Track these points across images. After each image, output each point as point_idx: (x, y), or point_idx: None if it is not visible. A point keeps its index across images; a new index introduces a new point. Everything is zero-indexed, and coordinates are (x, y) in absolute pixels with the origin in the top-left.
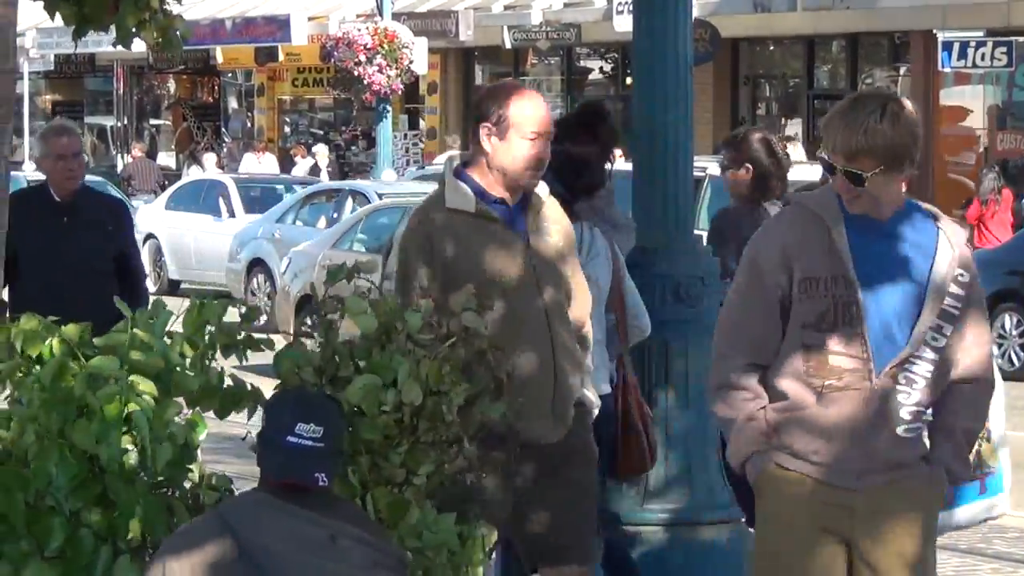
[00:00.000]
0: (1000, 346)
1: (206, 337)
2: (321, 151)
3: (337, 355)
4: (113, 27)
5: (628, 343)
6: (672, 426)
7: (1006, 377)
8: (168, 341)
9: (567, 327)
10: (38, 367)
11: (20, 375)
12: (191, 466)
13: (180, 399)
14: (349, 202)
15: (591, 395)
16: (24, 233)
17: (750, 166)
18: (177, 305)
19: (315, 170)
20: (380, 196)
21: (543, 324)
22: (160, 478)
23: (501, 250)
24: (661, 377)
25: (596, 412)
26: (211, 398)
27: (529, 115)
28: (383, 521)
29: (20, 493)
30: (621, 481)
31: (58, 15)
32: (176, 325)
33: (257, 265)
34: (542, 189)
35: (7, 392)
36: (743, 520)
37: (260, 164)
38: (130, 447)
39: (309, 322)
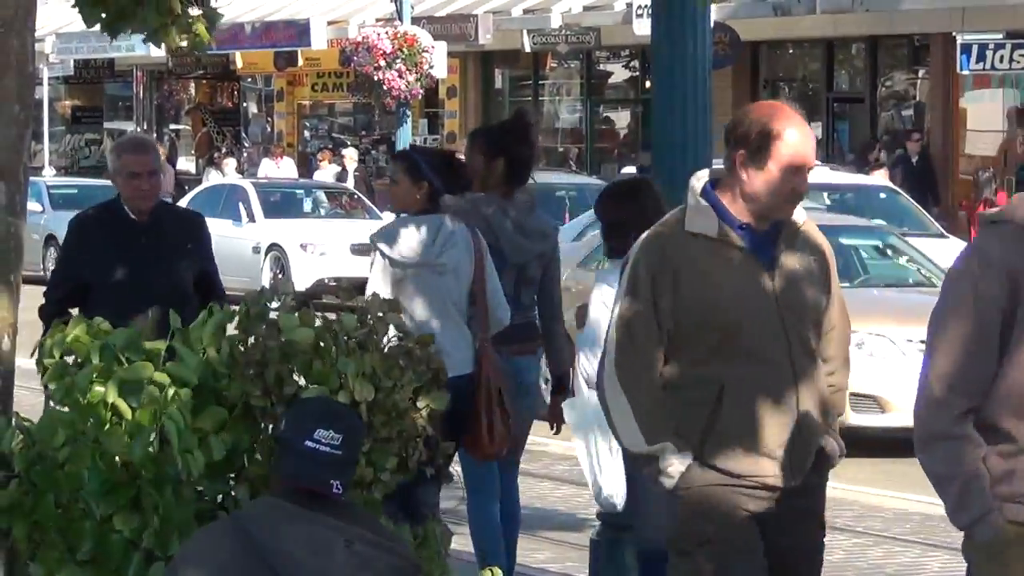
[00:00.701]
0: None
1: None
2: (350, 155)
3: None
4: (144, 28)
5: (488, 332)
6: None
7: None
8: (214, 351)
9: (813, 364)
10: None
11: (61, 380)
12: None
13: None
14: None
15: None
16: (98, 257)
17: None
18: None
19: (342, 175)
20: None
21: (786, 362)
22: (199, 488)
23: (742, 280)
24: None
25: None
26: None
27: (795, 148)
28: None
29: (50, 494)
30: (481, 459)
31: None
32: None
33: None
34: (799, 214)
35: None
36: None
37: (279, 169)
38: (164, 454)
39: None
